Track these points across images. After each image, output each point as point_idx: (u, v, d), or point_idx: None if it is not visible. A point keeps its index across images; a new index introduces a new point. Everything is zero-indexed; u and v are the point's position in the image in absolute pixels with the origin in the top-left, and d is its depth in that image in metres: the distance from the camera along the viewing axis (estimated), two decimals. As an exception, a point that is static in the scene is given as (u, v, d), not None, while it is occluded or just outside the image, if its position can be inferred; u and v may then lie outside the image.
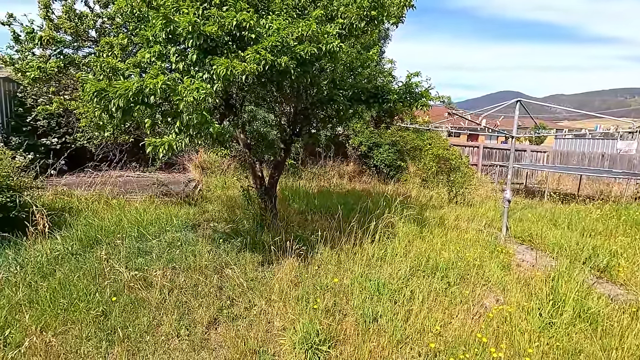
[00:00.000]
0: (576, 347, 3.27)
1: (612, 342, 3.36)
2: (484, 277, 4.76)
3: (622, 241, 6.30)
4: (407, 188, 11.01)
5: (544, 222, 7.69)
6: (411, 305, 3.85)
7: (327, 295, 4.04)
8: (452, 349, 3.13)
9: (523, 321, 3.64)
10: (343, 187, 10.83)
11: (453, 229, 6.67)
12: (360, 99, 5.08)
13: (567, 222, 7.64)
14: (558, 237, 6.51)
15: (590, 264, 5.45)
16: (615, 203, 9.51)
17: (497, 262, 5.22)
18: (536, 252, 6.24)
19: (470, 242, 5.96)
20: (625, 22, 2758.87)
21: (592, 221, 7.60)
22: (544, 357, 3.09)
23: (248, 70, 3.07)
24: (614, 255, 5.70)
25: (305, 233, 5.62)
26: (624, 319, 3.67)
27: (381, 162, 11.45)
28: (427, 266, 4.85)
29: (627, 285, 4.88)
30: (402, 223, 6.25)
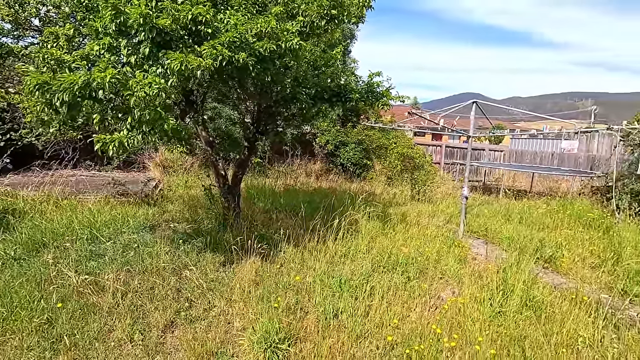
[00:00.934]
0: (522, 334, 3.48)
1: (554, 327, 3.62)
2: (442, 271, 4.97)
3: (566, 234, 6.79)
4: (373, 186, 11.23)
5: (498, 217, 8.13)
6: (371, 300, 3.94)
7: (290, 293, 4.04)
8: (408, 341, 3.24)
9: (475, 311, 3.83)
10: (310, 186, 10.85)
11: (414, 225, 6.89)
12: (323, 98, 5.11)
13: (519, 217, 8.12)
14: (510, 231, 6.91)
15: (537, 255, 5.83)
16: (562, 198, 10.22)
17: (454, 256, 5.46)
18: (490, 245, 6.59)
19: (430, 237, 6.18)
20: (576, 29, 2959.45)
21: (540, 216, 8.13)
22: (493, 344, 3.27)
23: (203, 66, 2.99)
24: (559, 247, 6.13)
25: (269, 232, 5.58)
26: (564, 306, 3.97)
27: (347, 160, 11.59)
28: (389, 262, 4.98)
29: (569, 274, 5.27)
30: (366, 220, 6.37)
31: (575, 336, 3.51)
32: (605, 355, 3.27)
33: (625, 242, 6.15)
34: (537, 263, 5.75)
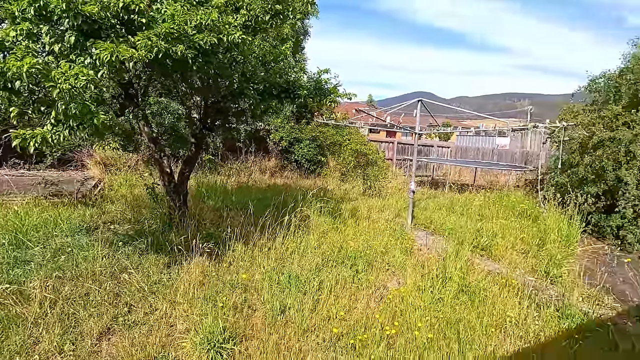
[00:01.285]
0: (458, 317, 3.74)
1: (486, 309, 3.93)
2: (389, 263, 5.17)
3: (501, 223, 7.37)
4: (327, 182, 11.38)
5: (443, 210, 8.63)
6: (320, 294, 4.00)
7: (238, 292, 3.99)
8: (353, 332, 3.34)
9: (417, 299, 4.05)
10: (264, 183, 10.75)
11: (365, 219, 7.09)
12: (272, 94, 5.07)
13: (461, 209, 8.68)
14: (453, 223, 7.36)
15: (475, 244, 6.28)
16: (500, 191, 11.07)
17: (401, 248, 5.70)
18: (435, 236, 6.97)
19: (379, 231, 6.40)
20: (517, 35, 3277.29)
21: (480, 207, 8.75)
22: (431, 329, 3.48)
23: (137, 57, 2.83)
24: (494, 236, 6.65)
25: (218, 230, 5.45)
26: (496, 290, 4.32)
27: (302, 157, 11.62)
28: (339, 256, 5.09)
29: (502, 260, 5.74)
30: (318, 216, 6.45)
31: (504, 316, 3.84)
32: (527, 331, 3.61)
33: (549, 229, 6.82)
34: (474, 251, 6.19)
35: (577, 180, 7.88)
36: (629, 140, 6.85)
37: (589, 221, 7.48)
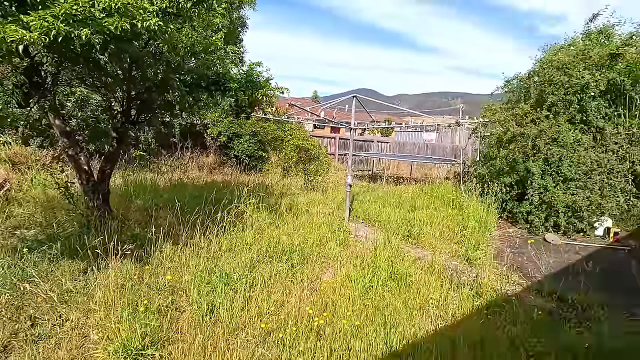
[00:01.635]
0: (386, 304, 3.93)
1: (411, 294, 4.18)
2: (324, 255, 5.27)
3: (431, 213, 7.90)
4: (269, 177, 11.26)
5: (380, 202, 8.99)
6: (252, 291, 3.95)
7: (165, 294, 3.78)
8: (284, 326, 3.35)
9: (349, 289, 4.17)
10: (202, 180, 10.31)
11: (303, 214, 7.14)
12: (200, 86, 4.85)
13: (396, 201, 9.13)
14: (388, 214, 7.71)
15: (406, 233, 6.66)
16: (432, 183, 11.85)
17: (337, 240, 5.84)
18: (371, 228, 7.26)
19: (317, 225, 6.48)
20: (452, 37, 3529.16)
21: (413, 199, 9.28)
22: (360, 316, 3.61)
23: (28, 39, 2.51)
24: (425, 224, 7.10)
25: (145, 231, 5.11)
26: (421, 275, 4.62)
27: (242, 152, 11.34)
28: (275, 252, 5.06)
29: (429, 247, 6.14)
30: (256, 212, 6.35)
31: (427, 299, 4.12)
32: (447, 311, 3.92)
33: (471, 216, 7.46)
34: (406, 240, 6.56)
35: (495, 172, 8.71)
36: (535, 136, 7.72)
37: (505, 208, 8.32)
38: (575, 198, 7.08)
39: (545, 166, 7.58)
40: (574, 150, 7.50)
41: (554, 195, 7.23)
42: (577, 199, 7.07)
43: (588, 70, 7.88)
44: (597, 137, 8.00)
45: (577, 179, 7.32)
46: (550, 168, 7.51)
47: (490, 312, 3.79)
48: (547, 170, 7.56)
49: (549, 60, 8.71)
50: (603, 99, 8.06)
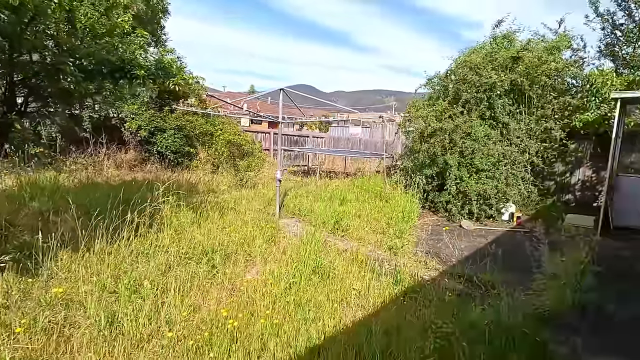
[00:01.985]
0: (308, 298, 3.89)
1: (335, 286, 4.20)
2: (250, 253, 5.08)
3: (360, 206, 8.11)
4: (197, 175, 10.64)
5: (312, 196, 9.01)
6: (165, 297, 3.63)
7: (57, 309, 3.30)
8: (196, 332, 3.12)
9: (272, 286, 4.06)
10: (121, 178, 9.37)
11: (231, 211, 6.85)
12: (101, 72, 4.31)
13: (328, 195, 9.23)
14: (319, 208, 7.74)
15: (336, 226, 6.74)
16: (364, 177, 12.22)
17: (265, 237, 5.68)
18: (302, 223, 7.22)
19: (244, 222, 6.25)
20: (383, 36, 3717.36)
21: (344, 192, 9.46)
22: (281, 313, 3.51)
23: None
24: (354, 217, 7.26)
25: (34, 239, 4.43)
26: (346, 267, 4.67)
27: (166, 148, 10.55)
28: (195, 252, 4.75)
29: (357, 239, 6.28)
30: (178, 211, 5.91)
31: (350, 290, 4.17)
32: (368, 301, 4.00)
33: (397, 208, 7.82)
34: (335, 233, 6.63)
35: (418, 165, 9.23)
36: (451, 130, 8.32)
37: (427, 198, 8.87)
38: (485, 187, 7.79)
39: (460, 158, 8.22)
40: (485, 143, 8.23)
41: (468, 185, 7.87)
42: (487, 188, 7.79)
43: (495, 71, 8.69)
44: (504, 132, 8.88)
45: (487, 169, 8.06)
46: (465, 160, 8.16)
47: (406, 299, 3.95)
48: (463, 162, 8.21)
49: (464, 61, 9.43)
50: (508, 97, 8.96)
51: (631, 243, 6.59)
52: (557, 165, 10.35)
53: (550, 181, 10.62)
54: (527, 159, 8.58)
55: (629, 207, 7.55)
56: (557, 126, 8.80)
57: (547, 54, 8.67)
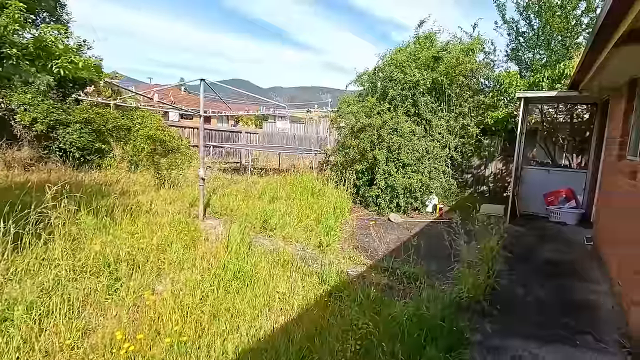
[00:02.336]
0: (227, 307, 3.55)
1: (258, 291, 3.92)
2: (164, 261, 4.56)
3: (292, 203, 7.90)
4: (110, 174, 9.51)
5: (242, 195, 8.57)
6: (48, 321, 3.02)
7: None
8: None
9: (185, 297, 3.64)
10: (11, 180, 7.94)
11: (147, 215, 6.16)
12: (-45, 49, 3.45)
13: (260, 193, 8.87)
14: (249, 207, 7.36)
15: (265, 226, 6.44)
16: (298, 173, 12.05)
17: (183, 242, 5.17)
18: (229, 224, 6.77)
19: (161, 226, 5.64)
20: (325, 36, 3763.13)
21: (276, 189, 9.18)
22: (193, 328, 3.14)
23: None
24: (284, 215, 7.02)
25: None
26: (270, 269, 4.41)
27: (71, 144, 9.23)
28: (96, 264, 4.10)
29: (287, 238, 6.05)
30: (81, 217, 5.11)
31: (274, 294, 3.92)
32: (293, 304, 3.79)
33: (329, 203, 7.77)
34: (263, 232, 6.33)
35: (349, 160, 9.30)
36: (379, 126, 8.51)
37: (358, 193, 8.98)
38: (411, 181, 8.09)
39: (388, 154, 8.44)
40: (410, 139, 8.55)
41: (396, 180, 8.11)
42: (413, 182, 8.10)
43: (418, 70, 9.08)
44: (427, 128, 9.35)
45: (412, 164, 8.39)
46: (392, 155, 8.40)
47: (331, 299, 3.83)
48: (390, 157, 8.44)
49: (390, 59, 9.72)
50: (430, 95, 9.44)
51: (532, 228, 7.34)
52: (473, 159, 11.23)
53: (468, 174, 11.51)
54: (447, 153, 9.13)
55: (532, 195, 8.43)
56: (473, 123, 9.50)
57: (463, 55, 9.29)
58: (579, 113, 9.29)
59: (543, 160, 10.16)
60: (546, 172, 8.41)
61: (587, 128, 9.02)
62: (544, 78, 8.27)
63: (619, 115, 5.68)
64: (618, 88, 5.99)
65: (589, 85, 6.19)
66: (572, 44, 9.25)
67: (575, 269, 5.18)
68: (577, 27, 9.48)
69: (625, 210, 4.47)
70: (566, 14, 9.41)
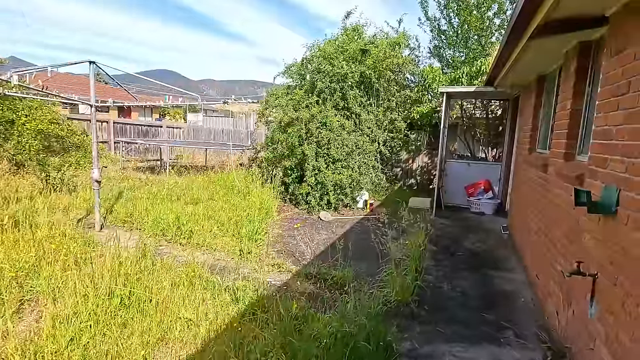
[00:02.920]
0: (105, 349, 2.80)
1: (156, 319, 3.21)
2: (32, 287, 3.59)
3: (213, 205, 7.12)
4: (-18, 178, 7.73)
5: (155, 198, 7.54)
6: None
7: None
8: None
9: (55, 335, 2.81)
10: None
11: (21, 228, 4.96)
12: None
13: (177, 194, 7.91)
14: (161, 212, 6.42)
15: (178, 233, 5.63)
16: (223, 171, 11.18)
17: (64, 260, 4.18)
18: (132, 233, 5.81)
19: (39, 242, 4.54)
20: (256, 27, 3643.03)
21: (198, 190, 8.29)
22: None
23: None
24: (203, 219, 6.25)
25: None
26: (174, 288, 3.70)
27: None
28: None
29: (200, 247, 5.32)
30: None
31: (176, 321, 3.25)
32: (199, 331, 3.16)
33: (255, 204, 7.16)
34: (176, 241, 5.52)
35: (279, 156, 8.76)
36: (308, 120, 8.09)
37: (288, 191, 8.50)
38: (341, 177, 7.83)
39: (318, 148, 8.07)
40: (340, 133, 8.28)
41: (326, 175, 7.78)
42: (343, 178, 7.85)
43: (346, 62, 8.83)
44: (357, 122, 9.18)
45: (342, 159, 8.13)
46: (322, 150, 8.05)
47: (247, 319, 3.29)
48: (320, 153, 8.07)
49: (320, 50, 9.34)
50: (359, 89, 9.28)
51: (455, 219, 7.57)
52: (402, 153, 11.45)
53: (398, 168, 11.73)
54: (377, 148, 9.08)
55: (455, 188, 8.75)
56: (400, 117, 9.58)
57: (390, 49, 9.28)
58: (493, 109, 9.90)
59: (463, 153, 10.70)
60: (467, 165, 8.79)
61: (500, 123, 9.64)
62: (463, 74, 8.59)
63: (529, 110, 5.98)
64: (528, 85, 6.32)
65: (503, 82, 6.44)
66: (488, 43, 9.82)
67: (494, 259, 5.33)
68: (492, 27, 10.09)
69: (535, 201, 4.65)
70: (481, 14, 9.94)
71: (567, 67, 3.84)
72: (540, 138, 5.49)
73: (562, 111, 3.83)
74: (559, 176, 3.60)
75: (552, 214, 3.79)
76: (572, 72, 3.58)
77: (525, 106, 6.48)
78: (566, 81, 3.80)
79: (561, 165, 3.67)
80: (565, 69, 3.93)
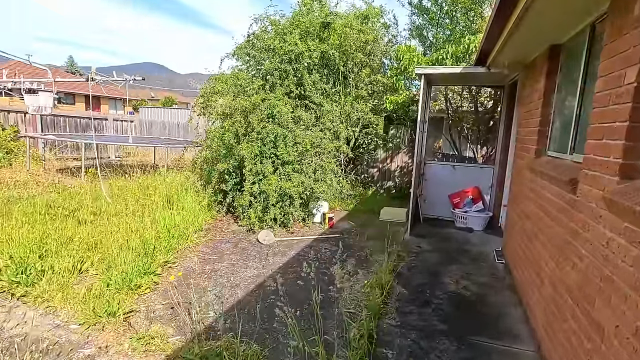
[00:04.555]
0: None
1: None
2: None
3: (119, 222, 5.27)
4: None
5: (35, 212, 5.62)
6: None
7: None
8: None
9: None
10: None
11: None
12: None
13: (75, 206, 6.02)
14: (23, 237, 4.54)
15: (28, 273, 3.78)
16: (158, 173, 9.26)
17: None
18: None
19: None
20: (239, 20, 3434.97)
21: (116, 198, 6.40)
22: None
23: None
24: (84, 247, 4.42)
25: None
26: None
27: None
28: None
29: (47, 301, 3.47)
30: None
31: None
32: None
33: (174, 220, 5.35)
34: (14, 290, 3.67)
35: (217, 156, 6.93)
36: (249, 110, 6.28)
37: (226, 199, 6.67)
38: (288, 184, 6.04)
39: (262, 147, 6.25)
40: (292, 129, 6.48)
41: (270, 183, 5.98)
42: (290, 185, 6.06)
43: (302, 39, 7.02)
44: (318, 115, 7.41)
45: (294, 161, 6.35)
46: (267, 150, 6.24)
47: None
48: (265, 153, 6.26)
49: (271, 23, 7.50)
50: (321, 74, 7.49)
51: (436, 239, 5.89)
52: (379, 152, 9.75)
53: (374, 168, 10.03)
54: (339, 146, 7.32)
55: (437, 196, 7.08)
56: (370, 108, 7.83)
57: (358, 22, 7.49)
58: (482, 101, 8.24)
59: (449, 152, 9.05)
60: (451, 168, 7.11)
61: (491, 117, 7.99)
62: (447, 55, 6.86)
63: (534, 97, 4.29)
64: (532, 63, 4.64)
65: (498, 59, 4.75)
66: (478, 17, 8.09)
67: (487, 313, 3.64)
68: (481, 0, 8.37)
69: (551, 233, 2.97)
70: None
71: (617, 13, 2.12)
72: (554, 135, 3.81)
73: (611, 89, 2.11)
74: (612, 207, 1.90)
75: (589, 267, 2.09)
76: (636, 16, 1.86)
77: (528, 93, 4.79)
78: (618, 36, 2.08)
79: (614, 187, 1.96)
80: (612, 17, 2.21)
